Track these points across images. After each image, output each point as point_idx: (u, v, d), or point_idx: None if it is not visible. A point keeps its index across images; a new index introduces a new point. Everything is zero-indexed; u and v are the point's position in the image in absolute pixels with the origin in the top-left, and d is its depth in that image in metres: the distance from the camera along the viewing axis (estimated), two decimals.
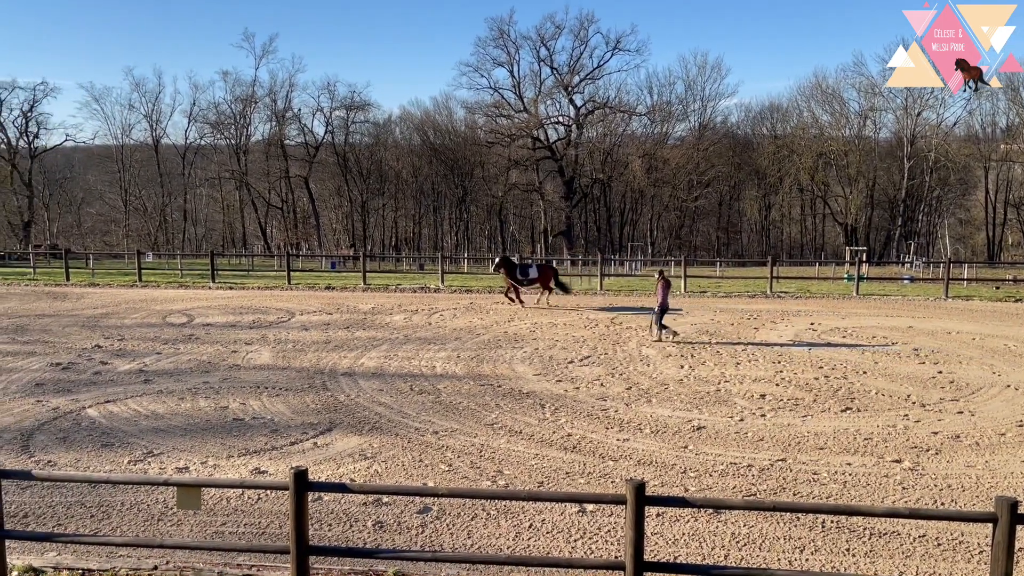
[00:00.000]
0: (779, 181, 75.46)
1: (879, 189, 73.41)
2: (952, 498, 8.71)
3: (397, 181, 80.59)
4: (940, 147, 67.79)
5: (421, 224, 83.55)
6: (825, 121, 75.21)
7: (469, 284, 33.78)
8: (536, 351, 17.32)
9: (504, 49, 75.89)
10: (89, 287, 32.00)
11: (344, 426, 11.39)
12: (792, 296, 28.87)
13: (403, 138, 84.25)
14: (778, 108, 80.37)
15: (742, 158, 78.07)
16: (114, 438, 10.74)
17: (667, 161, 74.28)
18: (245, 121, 78.96)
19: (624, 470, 9.55)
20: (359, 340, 18.59)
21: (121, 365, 15.64)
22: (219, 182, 79.37)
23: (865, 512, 7.02)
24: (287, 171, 77.12)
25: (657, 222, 79.87)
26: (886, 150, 73.68)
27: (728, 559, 7.23)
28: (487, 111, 77.87)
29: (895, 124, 72.35)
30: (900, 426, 11.48)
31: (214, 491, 8.63)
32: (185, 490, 6.40)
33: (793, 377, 14.77)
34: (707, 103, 78.95)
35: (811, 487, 8.99)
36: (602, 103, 76.01)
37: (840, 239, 73.34)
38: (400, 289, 31.04)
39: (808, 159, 72.06)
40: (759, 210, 79.14)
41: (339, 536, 7.70)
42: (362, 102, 78.54)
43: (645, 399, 13.09)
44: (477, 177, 78.68)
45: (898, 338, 19.06)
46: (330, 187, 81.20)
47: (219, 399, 12.90)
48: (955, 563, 7.16)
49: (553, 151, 76.10)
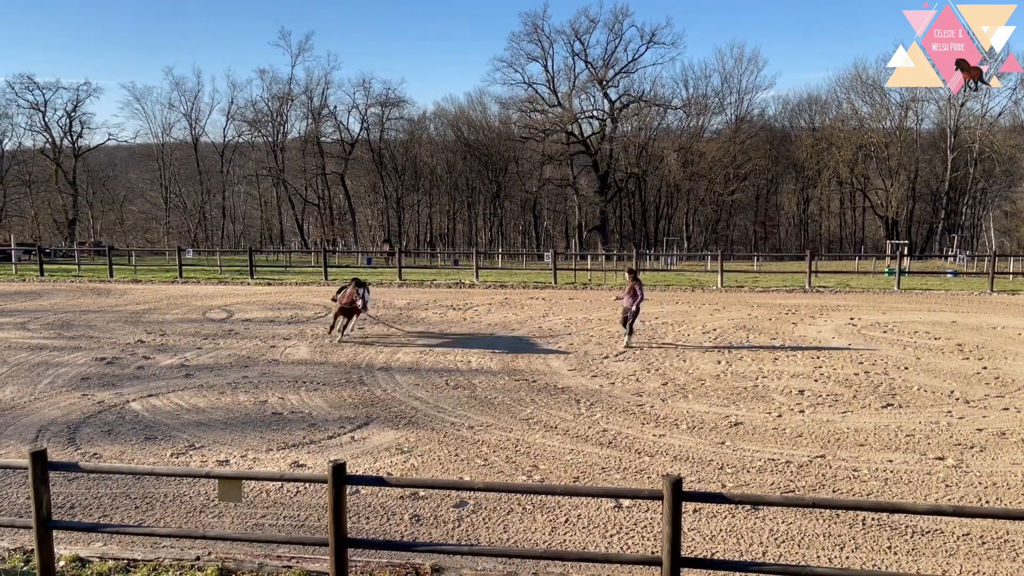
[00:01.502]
0: (817, 174, 74.25)
1: (921, 181, 71.90)
2: (997, 496, 8.53)
3: (431, 177, 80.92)
4: (984, 138, 66.13)
5: (455, 220, 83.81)
6: (865, 113, 73.78)
7: (503, 280, 33.80)
8: (571, 346, 17.29)
9: (538, 44, 75.79)
10: (132, 283, 32.64)
11: (381, 420, 11.48)
12: (831, 291, 28.43)
13: (437, 134, 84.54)
14: (816, 100, 79.12)
15: (779, 151, 76.93)
16: (157, 431, 10.96)
17: (703, 155, 73.52)
18: (282, 119, 79.96)
19: (660, 466, 9.50)
20: (395, 335, 18.71)
21: (163, 360, 15.94)
22: (256, 179, 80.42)
23: (907, 509, 6.89)
24: (323, 168, 77.88)
25: (693, 216, 79.12)
26: (928, 142, 72.07)
27: (766, 556, 7.16)
28: (521, 106, 77.86)
29: (938, 115, 70.74)
30: (943, 423, 11.26)
31: (254, 484, 8.77)
32: (226, 483, 6.51)
33: (832, 373, 14.56)
34: (744, 96, 78.01)
35: (851, 484, 8.87)
36: (637, 97, 75.48)
37: (881, 233, 71.99)
38: (435, 284, 31.19)
39: (847, 151, 70.78)
40: (797, 204, 78.00)
41: (376, 529, 7.78)
42: (397, 99, 79.08)
43: (681, 395, 13.01)
44: (511, 172, 78.67)
45: (941, 333, 18.68)
46: (365, 184, 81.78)
47: (258, 393, 13.08)
48: (1000, 562, 7.01)
49: (587, 146, 75.77)
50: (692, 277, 35.03)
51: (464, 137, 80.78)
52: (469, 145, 79.70)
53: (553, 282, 31.58)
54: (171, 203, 79.16)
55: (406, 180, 79.77)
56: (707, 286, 29.92)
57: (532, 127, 76.10)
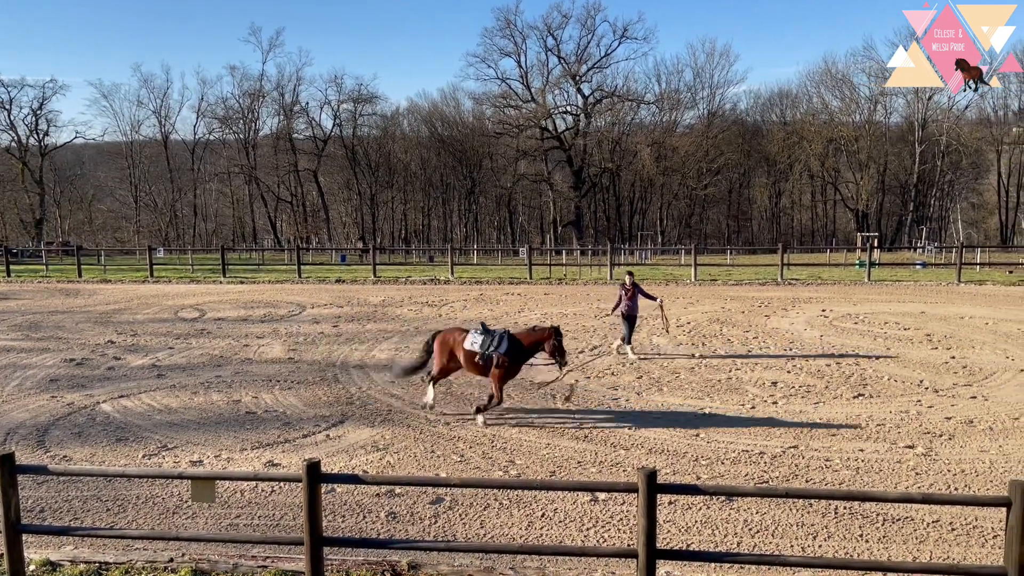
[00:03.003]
0: (789, 168, 74.98)
1: (890, 174, 72.84)
2: (966, 483, 8.67)
3: (406, 173, 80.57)
4: (952, 131, 67.15)
5: (430, 216, 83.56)
6: (835, 107, 74.68)
7: (479, 276, 33.79)
8: None
9: (511, 39, 75.72)
10: (101, 283, 32.20)
11: (356, 418, 11.43)
12: (803, 283, 28.74)
13: (411, 130, 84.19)
14: (787, 94, 79.85)
15: (751, 145, 77.55)
16: (128, 432, 10.82)
17: (676, 149, 73.91)
18: (253, 115, 79.17)
19: (636, 459, 9.55)
20: (370, 333, 18.64)
21: (134, 360, 15.74)
22: (228, 177, 79.60)
23: (878, 498, 7.00)
24: (296, 165, 77.23)
25: (667, 211, 79.52)
26: (897, 135, 73.03)
27: (741, 546, 7.23)
28: (495, 102, 77.72)
29: (906, 108, 71.71)
30: (913, 412, 11.43)
31: (228, 484, 8.69)
32: (199, 483, 6.45)
33: (804, 364, 14.72)
34: (716, 90, 78.53)
35: (823, 474, 8.97)
36: (610, 92, 75.68)
37: (851, 225, 72.83)
38: (410, 281, 31.09)
39: (818, 145, 71.54)
40: (769, 197, 78.69)
41: (353, 527, 7.74)
42: (369, 95, 78.66)
43: (656, 388, 13.08)
44: (486, 168, 78.57)
45: (910, 323, 18.95)
46: (339, 180, 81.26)
47: (232, 393, 12.97)
48: (969, 548, 7.14)
49: (561, 141, 75.87)
50: (666, 271, 35.23)
51: (438, 133, 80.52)
52: (443, 141, 79.46)
53: (528, 277, 31.62)
54: (141, 202, 78.08)
55: (380, 177, 79.36)
56: (681, 280, 30.11)
57: (506, 123, 76.03)
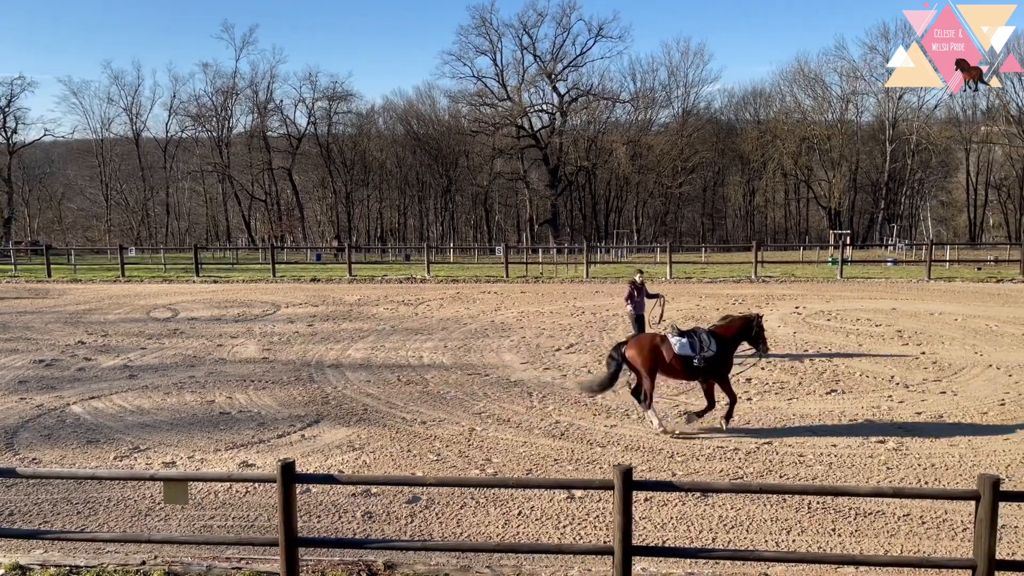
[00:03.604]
0: (763, 166, 75.64)
1: (862, 172, 73.75)
2: (936, 477, 8.80)
3: (381, 172, 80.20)
4: (921, 130, 68.13)
5: (406, 215, 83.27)
6: (808, 106, 75.45)
7: (455, 274, 33.74)
8: (523, 339, 17.34)
9: (486, 37, 75.62)
10: (71, 283, 31.74)
11: (332, 418, 11.37)
12: (777, 280, 29.01)
13: (386, 128, 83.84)
14: (761, 93, 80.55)
15: (726, 144, 78.14)
16: (99, 434, 10.68)
17: (651, 148, 74.27)
18: (226, 113, 78.42)
19: (612, 456, 9.59)
20: (345, 332, 18.54)
21: (105, 361, 15.53)
22: (201, 175, 78.76)
23: (850, 492, 7.09)
24: (270, 163, 76.57)
25: (642, 209, 79.90)
26: (868, 134, 73.95)
27: (716, 542, 7.28)
28: (470, 100, 77.56)
29: (877, 108, 72.66)
30: (884, 407, 11.58)
31: (201, 485, 8.60)
32: (172, 484, 6.38)
33: (778, 361, 14.86)
34: (690, 89, 78.97)
35: (797, 469, 9.07)
36: (585, 90, 75.88)
37: (824, 223, 73.65)
38: (386, 280, 30.97)
39: (791, 144, 72.26)
40: (743, 195, 79.34)
41: (328, 527, 7.70)
42: (344, 92, 78.18)
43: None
44: (462, 166, 78.44)
45: (882, 320, 19.20)
46: (314, 178, 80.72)
47: (205, 393, 12.84)
48: (939, 540, 7.24)
49: (537, 139, 75.93)
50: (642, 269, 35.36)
51: (413, 131, 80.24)
52: (419, 139, 79.20)
53: (505, 276, 31.62)
54: (112, 200, 77.04)
55: (355, 175, 78.92)
56: (656, 278, 30.25)
57: (482, 121, 75.96)
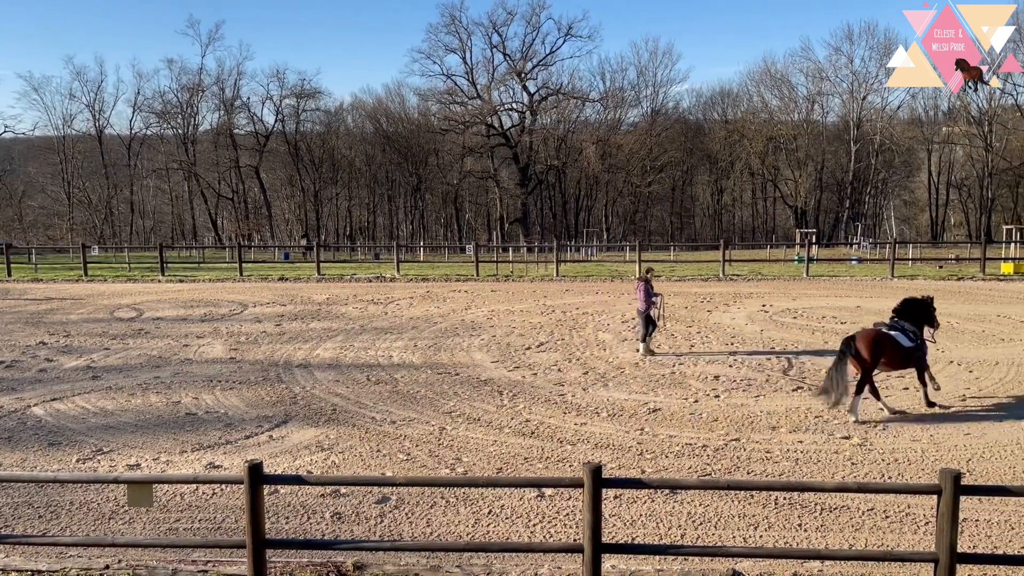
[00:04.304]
0: (730, 165, 76.39)
1: (827, 172, 74.77)
2: (899, 472, 8.95)
3: (350, 170, 79.60)
4: (885, 130, 69.22)
5: (376, 213, 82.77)
6: (774, 106, 76.33)
7: (425, 273, 33.64)
8: (493, 338, 17.33)
9: (456, 35, 75.48)
10: (32, 282, 31.12)
11: (300, 418, 11.27)
12: (744, 279, 29.32)
13: (355, 126, 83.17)
14: (728, 93, 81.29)
15: (694, 143, 78.79)
16: (62, 436, 10.48)
17: (621, 147, 74.64)
18: (192, 110, 77.24)
19: (582, 454, 9.62)
20: (314, 331, 18.39)
21: (67, 362, 15.24)
22: (167, 173, 77.48)
23: (816, 488, 7.19)
24: (237, 161, 75.59)
25: (612, 208, 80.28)
26: (834, 134, 75.00)
27: (684, 538, 7.34)
28: (440, 98, 77.34)
29: (842, 108, 73.70)
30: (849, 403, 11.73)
31: (167, 487, 8.48)
32: (136, 487, 6.28)
33: (746, 358, 15.02)
34: (659, 89, 79.51)
35: (764, 465, 9.17)
36: (555, 89, 76.03)
37: (790, 222, 74.58)
38: (355, 279, 30.77)
39: (758, 143, 73.07)
40: (711, 194, 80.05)
41: (297, 529, 7.63)
42: (312, 90, 77.43)
43: (602, 383, 13.19)
44: (432, 165, 78.13)
45: (847, 317, 19.47)
46: (282, 176, 79.86)
47: (171, 394, 12.66)
48: (902, 534, 7.37)
49: (507, 138, 75.94)
50: (611, 267, 35.57)
51: (383, 129, 79.77)
52: (388, 137, 78.75)
53: (475, 274, 31.58)
54: (74, 198, 75.48)
55: (324, 173, 78.26)
56: (626, 276, 30.43)
57: (452, 119, 75.75)
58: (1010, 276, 29.79)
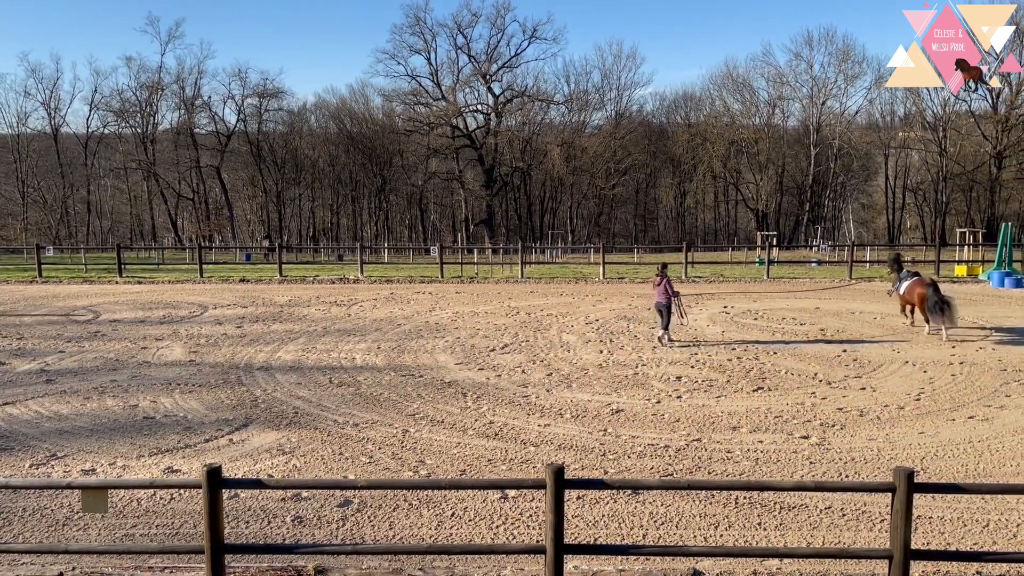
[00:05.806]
0: (693, 168, 77.20)
1: (788, 176, 75.91)
2: (855, 470, 9.12)
3: (313, 170, 78.88)
4: (843, 135, 70.49)
5: (339, 214, 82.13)
6: (736, 110, 77.27)
7: (389, 274, 33.46)
8: (458, 340, 17.30)
9: (421, 36, 75.13)
10: None
11: (261, 421, 11.13)
12: (706, 280, 29.64)
13: (319, 126, 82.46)
14: (691, 97, 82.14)
15: (657, 146, 79.45)
16: (14, 441, 10.23)
17: (585, 150, 75.01)
18: (151, 109, 75.88)
19: (545, 455, 9.64)
20: (275, 333, 18.19)
21: (20, 365, 14.89)
22: (125, 173, 76.10)
23: (774, 487, 7.30)
24: (198, 161, 74.46)
25: (576, 210, 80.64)
26: (794, 138, 76.15)
27: (646, 538, 7.39)
28: (404, 99, 76.92)
29: (802, 112, 74.91)
30: (808, 403, 11.94)
31: (123, 493, 8.32)
32: (90, 492, 6.14)
33: (707, 359, 15.18)
34: (623, 92, 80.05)
35: (725, 465, 9.27)
36: (520, 91, 76.12)
37: (752, 224, 75.56)
38: (318, 280, 30.51)
39: (720, 147, 73.95)
40: (674, 197, 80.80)
41: (257, 533, 7.54)
42: (275, 89, 76.53)
43: (565, 384, 13.24)
44: (396, 166, 77.76)
45: (806, 319, 19.80)
46: (243, 177, 78.85)
47: (128, 397, 12.43)
48: (859, 532, 7.51)
49: (472, 140, 75.84)
50: (576, 269, 35.73)
51: (347, 130, 79.19)
52: (352, 138, 78.20)
53: (440, 276, 31.51)
54: (29, 198, 73.68)
55: (286, 173, 77.45)
56: (590, 278, 30.59)
57: (416, 120, 75.42)
58: (963, 278, 30.55)
